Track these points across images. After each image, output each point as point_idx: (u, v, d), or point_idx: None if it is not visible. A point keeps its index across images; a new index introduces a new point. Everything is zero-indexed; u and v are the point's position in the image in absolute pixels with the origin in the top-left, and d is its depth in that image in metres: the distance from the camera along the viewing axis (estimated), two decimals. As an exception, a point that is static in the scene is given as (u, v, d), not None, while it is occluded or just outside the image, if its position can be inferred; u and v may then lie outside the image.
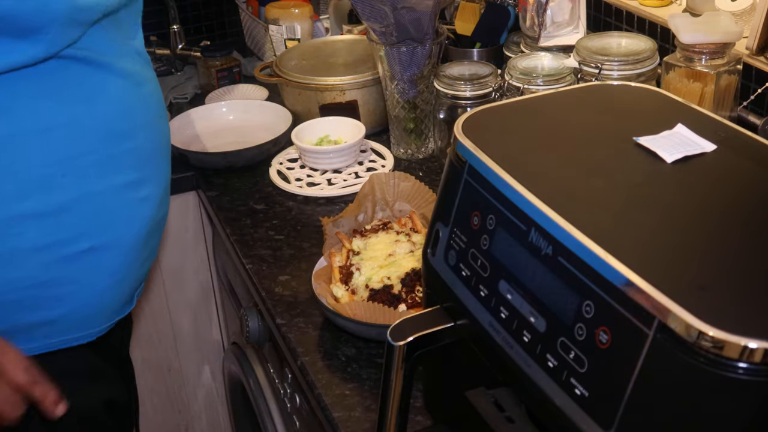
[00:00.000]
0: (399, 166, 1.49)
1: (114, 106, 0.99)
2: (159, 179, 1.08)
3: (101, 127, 0.98)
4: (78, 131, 0.96)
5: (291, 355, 1.08)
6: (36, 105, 0.93)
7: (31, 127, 0.92)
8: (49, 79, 0.93)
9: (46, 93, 0.93)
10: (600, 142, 0.74)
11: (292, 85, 1.60)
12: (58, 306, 1.00)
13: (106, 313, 1.07)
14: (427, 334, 0.75)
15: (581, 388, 0.59)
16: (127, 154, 1.01)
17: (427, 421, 0.94)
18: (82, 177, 0.97)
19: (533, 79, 1.27)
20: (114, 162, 1.00)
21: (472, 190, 0.73)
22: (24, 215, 0.94)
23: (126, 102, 1.01)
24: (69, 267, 0.99)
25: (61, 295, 1.00)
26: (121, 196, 1.01)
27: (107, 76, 0.98)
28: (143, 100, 1.04)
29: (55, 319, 1.01)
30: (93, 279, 1.02)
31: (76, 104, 0.95)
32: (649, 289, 0.54)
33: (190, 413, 1.85)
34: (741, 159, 0.70)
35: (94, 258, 1.00)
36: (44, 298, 0.99)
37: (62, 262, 0.98)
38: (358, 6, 1.37)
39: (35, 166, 0.93)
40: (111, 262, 1.03)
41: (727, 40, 1.19)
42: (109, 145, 0.99)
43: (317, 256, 1.23)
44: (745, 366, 0.50)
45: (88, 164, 0.97)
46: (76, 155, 0.96)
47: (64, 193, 0.96)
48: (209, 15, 2.14)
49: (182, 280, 1.71)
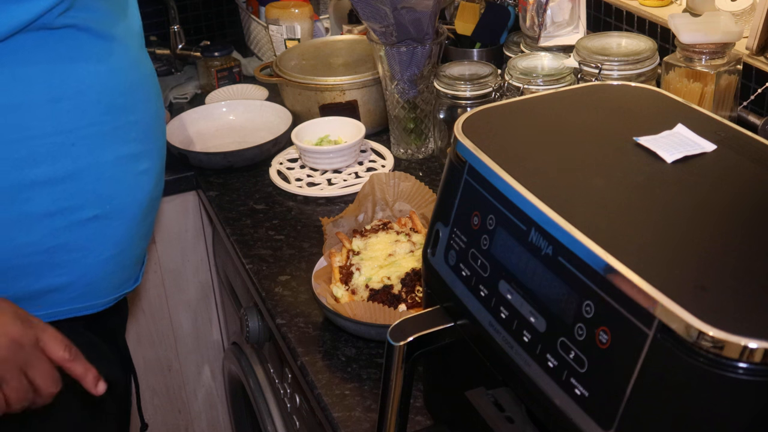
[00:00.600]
0: (399, 166, 1.49)
1: (118, 79, 1.04)
2: (157, 154, 1.13)
3: (106, 100, 1.02)
4: (86, 102, 1.00)
5: (291, 355, 1.08)
6: (47, 73, 0.97)
7: (43, 96, 0.97)
8: (58, 47, 0.98)
9: (56, 60, 0.97)
10: (600, 142, 0.74)
11: (292, 85, 1.60)
12: (65, 273, 1.04)
13: (109, 285, 1.10)
14: (427, 334, 0.75)
15: (581, 388, 0.59)
16: (130, 126, 1.06)
17: (427, 421, 0.94)
18: (89, 146, 1.01)
19: (533, 79, 1.27)
20: (118, 133, 1.04)
21: (472, 190, 0.73)
22: (35, 181, 0.98)
23: (128, 77, 1.06)
24: (76, 234, 1.02)
25: (67, 262, 1.03)
26: (124, 167, 1.05)
27: (111, 47, 1.03)
28: (143, 77, 1.09)
29: (61, 287, 1.04)
30: (98, 247, 1.05)
31: (83, 75, 1.00)
32: (649, 289, 0.54)
33: (190, 413, 1.85)
34: (741, 159, 0.70)
35: (99, 226, 1.04)
36: (51, 264, 1.02)
37: (69, 228, 1.02)
38: (358, 6, 1.37)
39: (47, 134, 0.98)
40: (114, 231, 1.06)
41: (727, 40, 1.19)
42: (114, 117, 1.03)
43: (317, 256, 1.23)
44: (745, 366, 0.50)
45: (95, 134, 1.01)
46: (84, 125, 1.00)
47: (73, 162, 1.00)
48: (209, 15, 2.14)
49: (182, 280, 1.71)
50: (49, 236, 1.01)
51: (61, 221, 1.01)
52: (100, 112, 1.02)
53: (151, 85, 1.12)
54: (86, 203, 1.02)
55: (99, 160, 1.02)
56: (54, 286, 1.04)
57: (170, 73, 1.98)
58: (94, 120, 1.01)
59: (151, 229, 1.17)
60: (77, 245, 1.03)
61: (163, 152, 1.16)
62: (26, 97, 0.96)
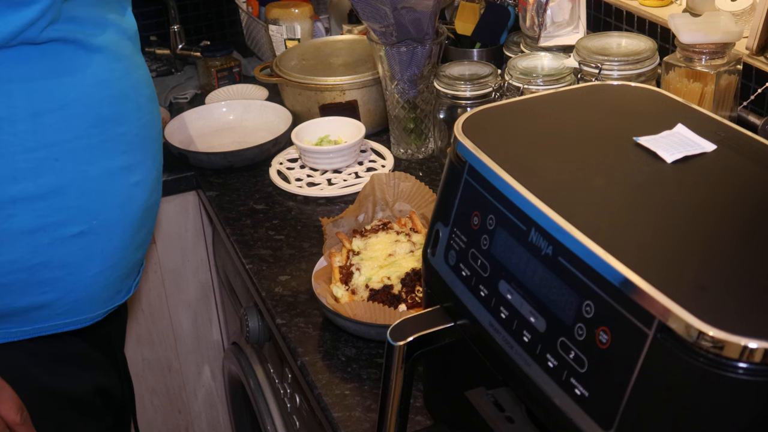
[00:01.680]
0: (399, 166, 1.49)
1: (105, 91, 0.99)
2: (151, 164, 1.08)
3: (93, 112, 0.98)
4: (70, 115, 0.96)
5: (291, 355, 1.08)
6: (29, 88, 0.93)
7: (24, 110, 0.93)
8: (41, 62, 0.93)
9: (38, 76, 0.93)
10: (600, 142, 0.74)
11: (292, 85, 1.60)
12: (50, 290, 1.00)
13: (98, 299, 1.06)
14: (427, 334, 0.75)
15: (581, 388, 0.59)
16: (119, 138, 1.02)
17: (427, 421, 0.94)
18: (74, 161, 0.97)
19: (533, 79, 1.27)
20: (106, 146, 1.00)
21: (472, 190, 0.73)
22: (15, 198, 0.94)
23: (117, 86, 1.01)
24: (60, 251, 0.99)
25: (52, 279, 1.00)
26: (113, 180, 1.01)
27: (97, 59, 0.99)
28: (134, 85, 1.05)
29: (46, 304, 1.01)
30: (84, 263, 1.02)
31: (67, 88, 0.96)
32: (649, 289, 0.54)
33: (190, 413, 1.85)
34: (741, 159, 0.70)
35: (86, 242, 1.01)
36: (35, 282, 0.99)
37: (53, 245, 0.98)
38: (358, 6, 1.37)
39: (29, 150, 0.94)
40: (103, 246, 1.03)
41: (727, 40, 1.19)
42: (101, 130, 0.99)
43: (317, 256, 1.23)
44: (745, 366, 0.50)
45: (80, 148, 0.97)
46: (69, 139, 0.96)
47: (57, 177, 0.96)
48: (209, 15, 2.14)
49: (182, 280, 1.71)
50: (31, 254, 0.97)
51: (44, 238, 0.97)
52: (87, 125, 0.98)
53: (143, 92, 1.07)
54: (71, 219, 0.98)
55: (85, 175, 0.98)
56: (39, 304, 1.01)
57: (170, 73, 1.98)
58: (80, 133, 0.97)
59: (149, 237, 1.13)
60: (62, 262, 0.99)
61: (158, 160, 1.11)
62: (6, 112, 0.92)
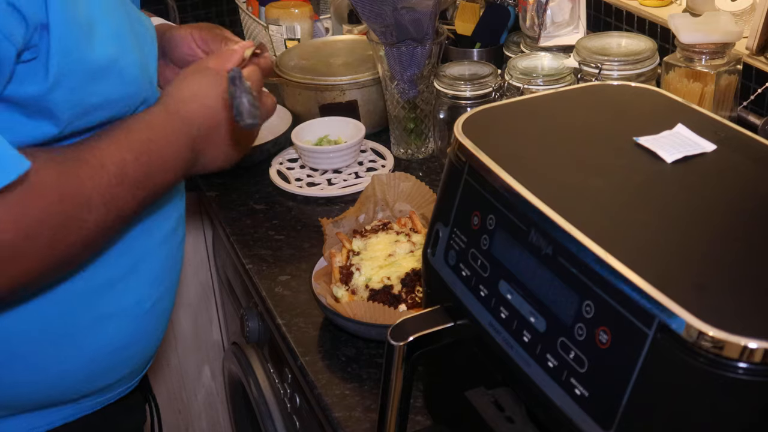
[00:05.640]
0: (399, 166, 1.49)
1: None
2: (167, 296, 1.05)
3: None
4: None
5: (291, 355, 1.08)
6: None
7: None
8: None
9: None
10: (600, 142, 0.75)
11: (292, 85, 1.59)
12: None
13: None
14: (427, 334, 0.75)
15: (581, 388, 0.59)
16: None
17: (427, 421, 0.94)
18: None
19: (533, 79, 1.27)
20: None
21: (472, 190, 0.73)
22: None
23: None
24: None
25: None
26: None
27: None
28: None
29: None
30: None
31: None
32: (649, 289, 0.54)
33: (190, 413, 1.85)
34: (741, 159, 0.70)
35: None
36: None
37: None
38: (358, 6, 1.36)
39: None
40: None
41: (727, 40, 1.19)
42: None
43: (317, 256, 1.23)
44: (745, 366, 0.50)
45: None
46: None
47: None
48: (209, 15, 2.14)
49: (182, 280, 1.71)
50: None
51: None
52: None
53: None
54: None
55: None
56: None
57: (170, 73, 1.98)
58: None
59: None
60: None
61: (173, 291, 1.07)
62: None
